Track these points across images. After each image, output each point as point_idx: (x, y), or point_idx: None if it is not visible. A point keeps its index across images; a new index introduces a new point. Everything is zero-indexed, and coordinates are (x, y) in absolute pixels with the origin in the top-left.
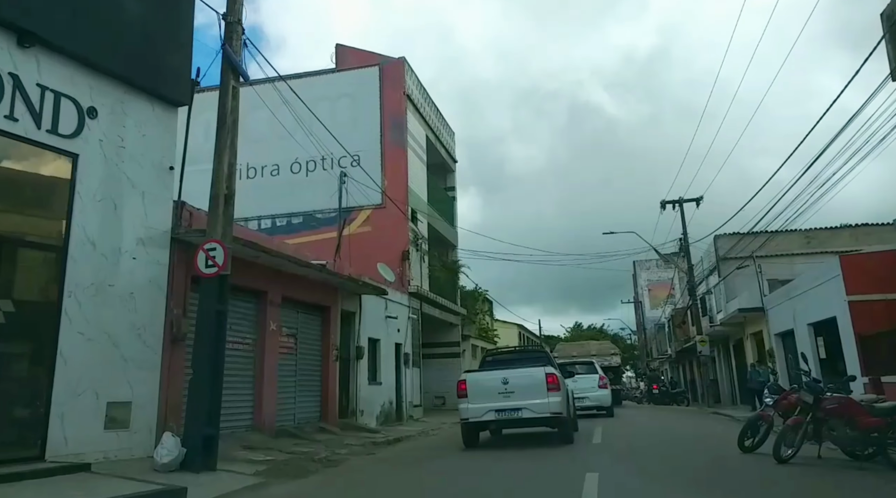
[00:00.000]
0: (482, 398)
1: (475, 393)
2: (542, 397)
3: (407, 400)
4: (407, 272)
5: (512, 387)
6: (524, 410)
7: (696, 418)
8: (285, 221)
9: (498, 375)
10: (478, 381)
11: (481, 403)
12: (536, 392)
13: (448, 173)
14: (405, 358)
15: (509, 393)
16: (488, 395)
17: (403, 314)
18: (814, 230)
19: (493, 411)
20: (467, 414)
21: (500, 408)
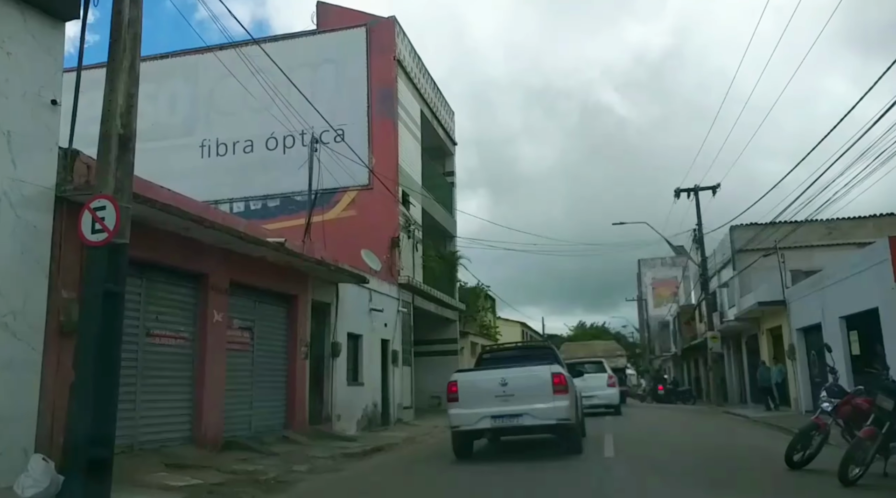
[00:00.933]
0: (476, 402)
1: (468, 396)
2: (547, 401)
3: (395, 402)
4: (397, 261)
5: (511, 389)
6: (525, 415)
7: (711, 419)
8: (260, 204)
9: (495, 375)
10: (471, 382)
11: (475, 407)
12: (540, 395)
13: (447, 157)
14: (394, 355)
15: (508, 396)
16: (483, 398)
17: (392, 307)
18: (836, 220)
19: (488, 418)
20: (458, 421)
21: (498, 414)
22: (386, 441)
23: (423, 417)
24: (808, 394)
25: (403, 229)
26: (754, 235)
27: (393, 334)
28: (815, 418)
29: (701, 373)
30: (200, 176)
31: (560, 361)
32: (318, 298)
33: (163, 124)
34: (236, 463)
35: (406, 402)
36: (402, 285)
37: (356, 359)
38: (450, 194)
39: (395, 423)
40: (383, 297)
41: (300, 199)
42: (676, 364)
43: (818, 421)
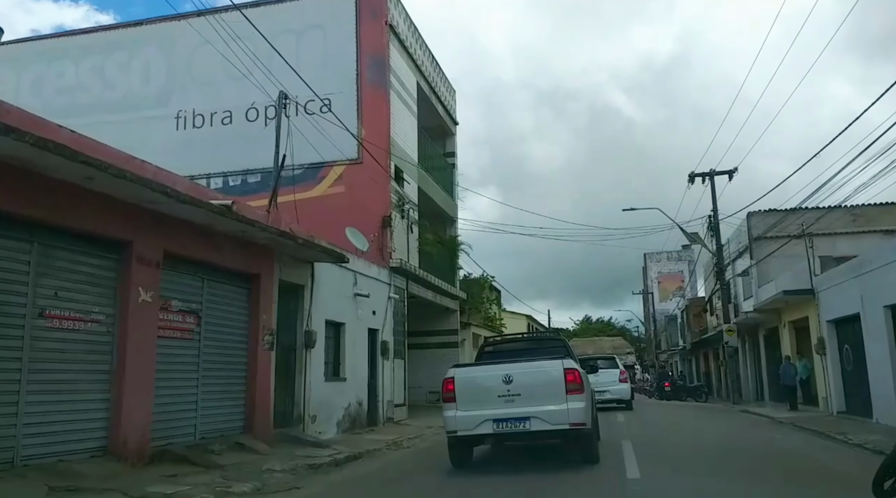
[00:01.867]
0: (476, 403)
1: (467, 396)
2: (559, 403)
3: (384, 399)
4: (388, 242)
5: (517, 387)
6: (533, 419)
7: (734, 421)
8: (239, 180)
9: (498, 370)
10: (471, 379)
11: (475, 409)
12: (551, 395)
13: (448, 137)
14: (383, 347)
15: (513, 396)
16: (484, 398)
17: (381, 293)
18: (861, 206)
19: (490, 422)
20: (455, 425)
21: (501, 417)
22: (367, 446)
23: (418, 416)
24: (841, 393)
25: (396, 208)
26: (775, 222)
27: (383, 323)
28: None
29: (711, 368)
30: (175, 150)
31: (573, 355)
32: (287, 279)
33: (135, 95)
34: (158, 482)
35: (398, 399)
36: (394, 269)
37: (337, 350)
38: (451, 176)
39: (384, 423)
40: (371, 281)
41: (283, 175)
42: (684, 359)
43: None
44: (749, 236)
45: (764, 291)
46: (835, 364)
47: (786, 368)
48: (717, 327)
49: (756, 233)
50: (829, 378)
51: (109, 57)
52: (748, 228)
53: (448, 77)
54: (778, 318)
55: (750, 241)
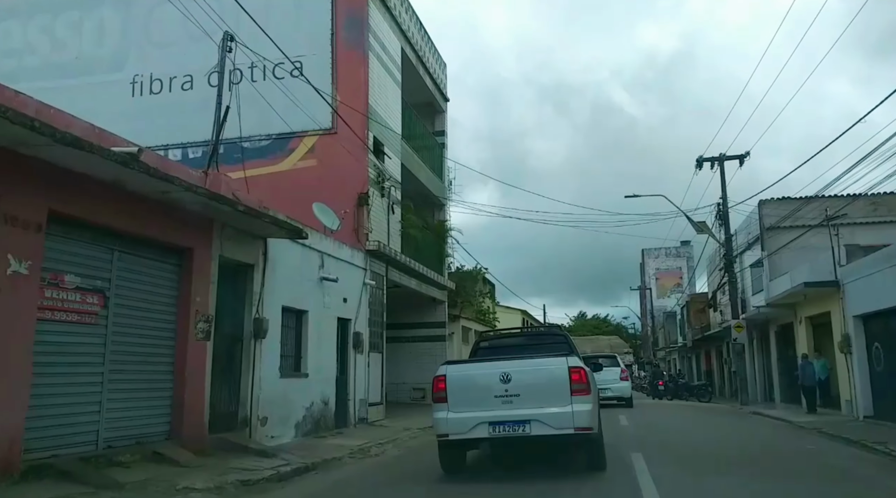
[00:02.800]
0: (470, 404)
1: (460, 396)
2: (563, 404)
3: (356, 397)
4: (365, 222)
5: (516, 387)
6: (534, 422)
7: (750, 425)
8: (200, 152)
9: (495, 368)
10: (464, 377)
11: (469, 411)
12: (554, 396)
13: (437, 114)
14: (356, 339)
15: (512, 396)
16: (480, 399)
17: (355, 279)
18: (882, 195)
19: (485, 425)
20: (446, 427)
21: (498, 419)
22: (327, 453)
23: (397, 416)
24: (868, 395)
25: (375, 185)
26: (794, 211)
27: (356, 313)
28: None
29: (714, 366)
30: (131, 118)
31: (576, 351)
32: (231, 256)
33: (88, 57)
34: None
35: (374, 397)
36: (371, 253)
37: (298, 342)
38: (440, 156)
39: (355, 424)
40: (343, 264)
41: (249, 146)
42: (683, 356)
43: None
44: (761, 226)
45: (776, 285)
46: (862, 364)
47: (804, 367)
48: (724, 323)
49: (768, 222)
50: (854, 379)
51: (60, 16)
52: (759, 218)
53: (439, 50)
54: (793, 313)
55: (762, 232)
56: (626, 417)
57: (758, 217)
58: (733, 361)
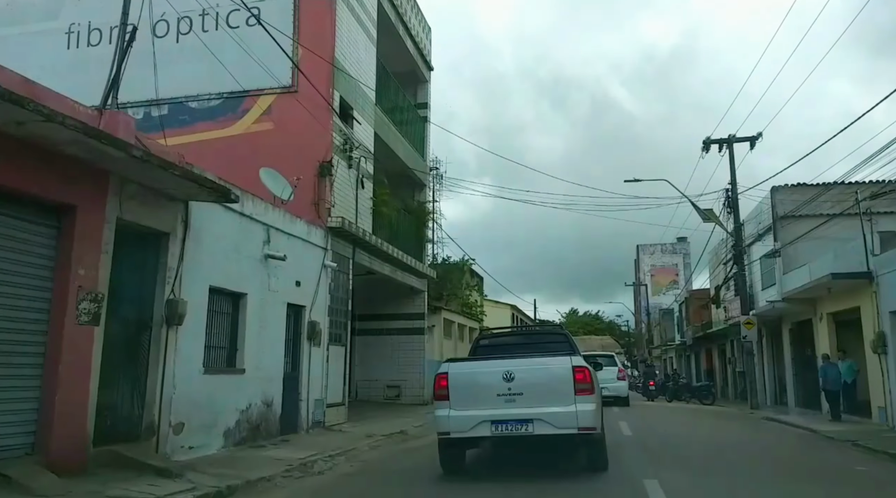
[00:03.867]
0: (473, 402)
1: (462, 394)
2: (568, 404)
3: (310, 397)
4: (327, 195)
5: (519, 386)
6: (537, 422)
7: (771, 435)
8: (142, 113)
9: (498, 367)
10: (467, 375)
11: (471, 409)
12: (558, 395)
13: (420, 84)
14: (311, 328)
15: (515, 395)
16: (482, 397)
17: (312, 259)
18: None
19: (487, 423)
20: (448, 425)
21: (500, 418)
22: (256, 471)
23: (365, 418)
24: None
25: (340, 153)
26: (812, 198)
27: (312, 298)
28: None
29: (716, 366)
30: (66, 71)
31: (578, 351)
32: (135, 220)
33: (19, 4)
34: None
35: (334, 396)
36: (334, 231)
37: (234, 331)
38: (421, 131)
39: (308, 429)
40: (296, 242)
41: (196, 106)
42: (681, 355)
43: None
44: (773, 214)
45: (791, 278)
46: None
47: (827, 369)
48: (730, 320)
49: (781, 210)
50: (889, 383)
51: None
52: (772, 205)
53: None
54: (812, 309)
55: (774, 221)
56: (629, 425)
57: (770, 205)
58: (741, 360)
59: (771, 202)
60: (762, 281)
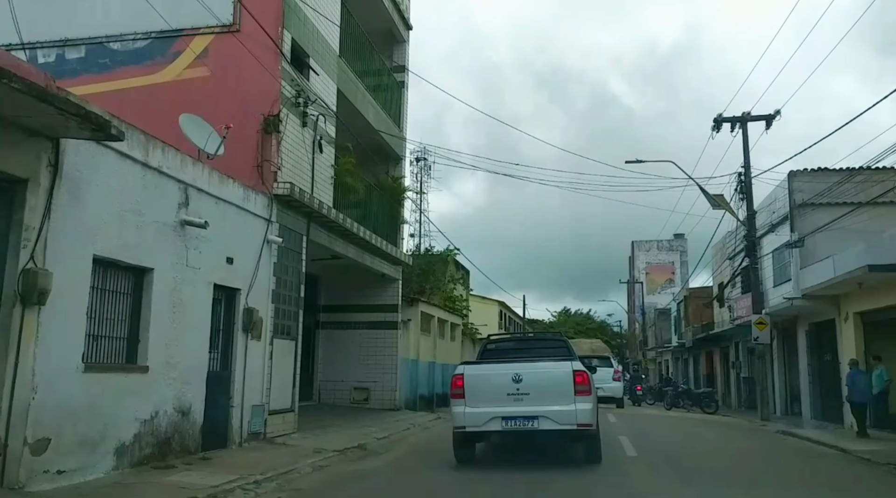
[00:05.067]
0: (485, 400)
1: (476, 393)
2: (568, 403)
3: (246, 402)
4: (274, 156)
5: (526, 387)
6: (542, 418)
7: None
8: (54, 56)
9: (507, 369)
10: (480, 376)
11: (484, 406)
12: (560, 395)
13: (396, 45)
14: (248, 317)
15: (522, 395)
16: (493, 396)
17: (251, 232)
18: None
19: (498, 419)
20: (464, 420)
21: (510, 415)
22: None
23: (320, 427)
24: None
25: (291, 107)
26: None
27: (251, 280)
28: None
29: (717, 371)
30: None
31: (576, 356)
32: None
33: None
34: None
35: (281, 401)
36: (281, 200)
37: (135, 316)
38: (398, 97)
39: (241, 442)
40: (227, 208)
41: (118, 48)
42: (678, 359)
43: None
44: (790, 202)
45: (811, 273)
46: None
47: (855, 377)
48: (736, 320)
49: (800, 198)
50: None
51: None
52: (789, 192)
53: None
54: (835, 307)
55: (791, 209)
56: (630, 441)
57: (786, 192)
58: (747, 365)
59: (788, 189)
60: (774, 277)
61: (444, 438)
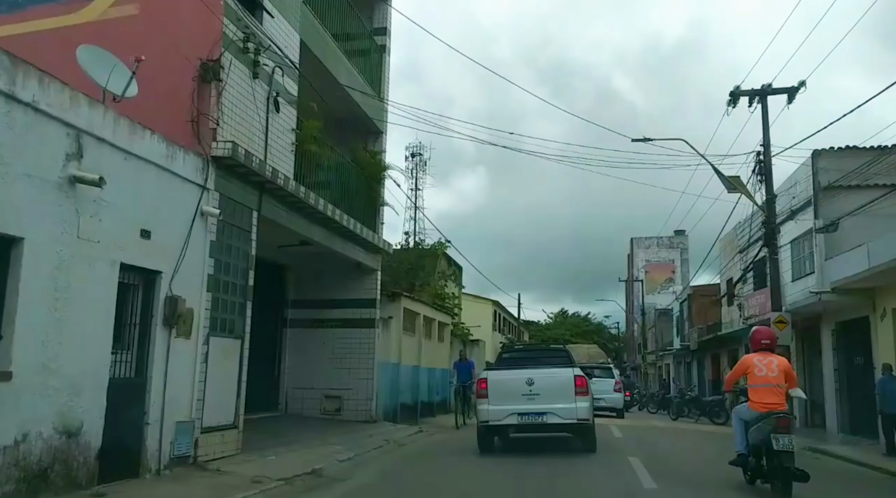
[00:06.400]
0: (504, 400)
1: (496, 393)
2: (570, 402)
3: (167, 418)
4: (213, 109)
5: (537, 388)
6: (549, 414)
7: (844, 482)
8: None
9: (522, 374)
10: (500, 380)
11: (503, 404)
12: (564, 396)
13: (377, 4)
14: (171, 309)
15: (534, 395)
16: (511, 396)
17: (178, 200)
18: None
19: (515, 414)
20: (486, 416)
21: (524, 411)
22: None
23: (273, 446)
24: None
25: (238, 52)
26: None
27: (177, 261)
28: None
29: (724, 376)
30: None
31: (576, 364)
32: None
33: None
34: None
35: (220, 415)
36: (221, 163)
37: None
38: (378, 63)
39: (161, 470)
40: (141, 166)
41: None
42: (680, 362)
43: None
44: (815, 184)
45: (840, 264)
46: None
47: (886, 384)
48: (750, 319)
49: (825, 180)
50: None
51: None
52: (813, 173)
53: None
54: (870, 302)
55: (816, 192)
56: (643, 463)
57: (809, 174)
58: None
59: (812, 169)
60: (792, 270)
61: (425, 457)
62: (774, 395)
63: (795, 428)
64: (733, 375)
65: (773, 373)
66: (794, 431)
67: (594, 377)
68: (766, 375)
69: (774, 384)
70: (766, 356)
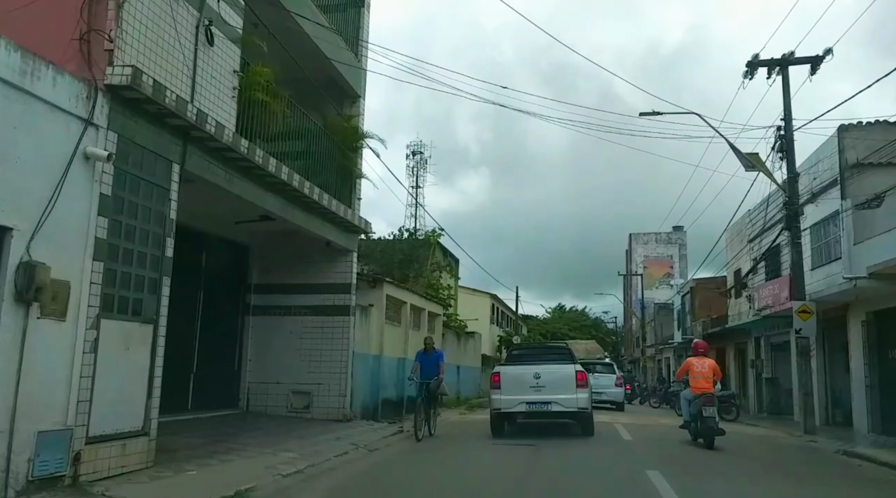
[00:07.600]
0: (514, 391)
1: (508, 385)
2: (571, 393)
3: (27, 427)
4: (110, 26)
5: (543, 381)
6: (553, 403)
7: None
8: None
9: (530, 369)
10: (511, 374)
11: (514, 395)
12: (566, 387)
13: None
14: (27, 279)
15: (540, 387)
16: (520, 387)
17: (46, 133)
18: None
19: (524, 403)
20: (500, 404)
21: (531, 401)
22: None
23: (209, 456)
24: None
25: None
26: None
27: (40, 215)
28: None
29: (732, 371)
30: None
31: (577, 360)
32: None
33: None
34: None
35: (120, 421)
36: (119, 93)
37: None
38: (356, 21)
39: (17, 497)
40: None
41: None
42: (679, 357)
43: None
44: (841, 162)
45: (876, 247)
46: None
47: None
48: (763, 310)
49: (852, 158)
50: None
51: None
52: (839, 150)
53: None
54: None
55: (842, 171)
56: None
57: (834, 150)
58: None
59: (837, 146)
60: (812, 258)
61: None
62: (706, 382)
63: (817, 426)
64: (681, 371)
65: (705, 369)
66: (715, 404)
67: (597, 373)
68: (701, 370)
69: (704, 377)
70: (701, 359)
